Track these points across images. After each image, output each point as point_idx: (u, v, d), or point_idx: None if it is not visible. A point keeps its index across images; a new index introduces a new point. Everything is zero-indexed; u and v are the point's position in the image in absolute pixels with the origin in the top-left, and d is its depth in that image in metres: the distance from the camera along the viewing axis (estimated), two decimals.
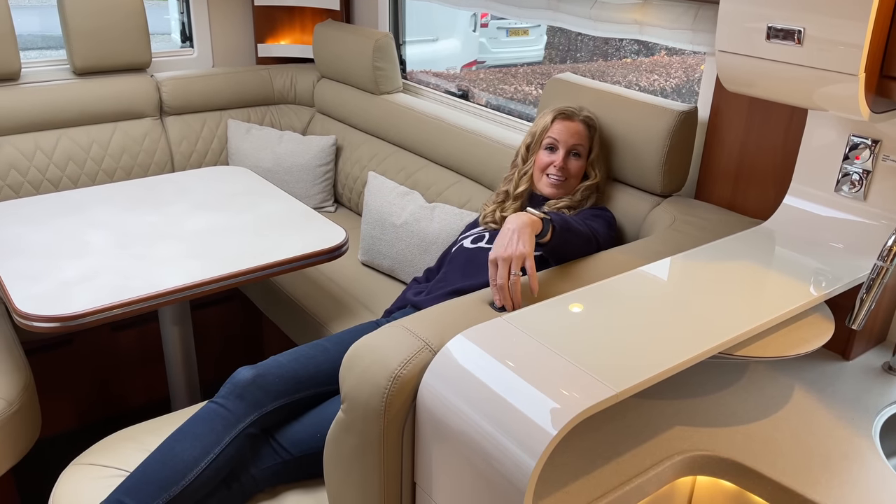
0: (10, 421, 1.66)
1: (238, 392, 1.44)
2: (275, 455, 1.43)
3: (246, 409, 1.42)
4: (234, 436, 1.40)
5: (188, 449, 1.37)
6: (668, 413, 1.24)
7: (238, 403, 1.43)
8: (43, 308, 1.53)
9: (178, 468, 1.34)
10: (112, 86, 2.66)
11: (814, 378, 1.34)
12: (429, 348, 1.10)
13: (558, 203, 1.73)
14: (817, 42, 1.12)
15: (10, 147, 2.47)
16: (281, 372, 1.48)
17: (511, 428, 0.95)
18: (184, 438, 1.39)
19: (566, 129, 1.73)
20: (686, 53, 6.68)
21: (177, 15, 3.16)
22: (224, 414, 1.41)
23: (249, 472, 1.41)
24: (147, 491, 1.32)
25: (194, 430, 1.39)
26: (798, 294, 1.22)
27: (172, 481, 1.33)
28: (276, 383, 1.46)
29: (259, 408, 1.44)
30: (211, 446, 1.37)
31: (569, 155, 1.73)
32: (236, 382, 1.45)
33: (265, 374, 1.46)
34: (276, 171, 2.72)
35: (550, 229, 1.33)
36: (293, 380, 1.49)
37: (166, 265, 1.72)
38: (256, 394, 1.44)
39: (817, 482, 1.08)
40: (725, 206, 1.72)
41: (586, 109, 1.78)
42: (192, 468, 1.35)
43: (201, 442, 1.37)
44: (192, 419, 1.42)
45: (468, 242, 1.73)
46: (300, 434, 1.45)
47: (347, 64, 2.76)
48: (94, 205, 2.06)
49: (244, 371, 1.47)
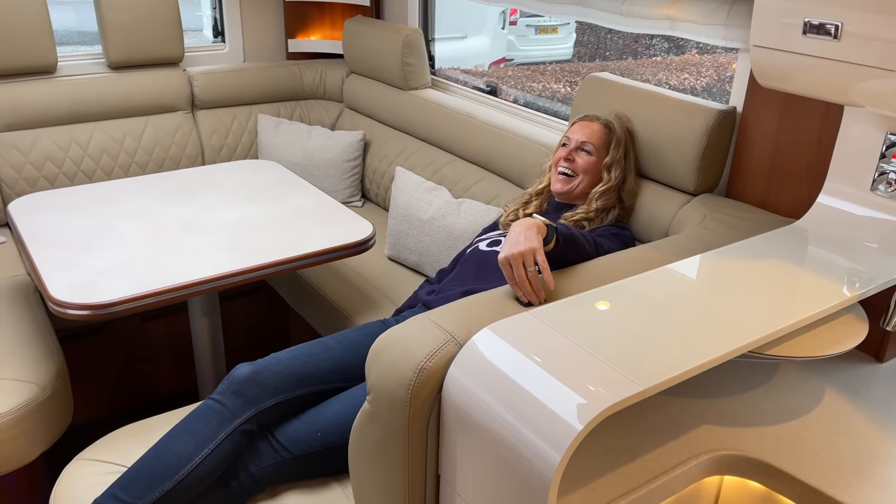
0: (42, 406, 1.69)
1: (235, 388, 1.43)
2: (274, 454, 1.43)
3: (242, 406, 1.42)
4: (230, 432, 1.39)
5: (182, 445, 1.36)
6: (697, 412, 1.22)
7: (235, 400, 1.42)
8: (76, 296, 1.56)
9: (171, 463, 1.34)
10: (145, 80, 2.70)
11: (846, 380, 1.31)
12: (455, 341, 1.10)
13: (575, 214, 1.71)
14: (855, 37, 1.10)
15: (46, 139, 2.52)
16: (279, 369, 1.47)
17: (536, 422, 0.94)
18: (179, 435, 1.39)
19: (581, 127, 1.77)
20: (717, 52, 6.60)
21: (209, 11, 3.20)
22: (220, 410, 1.41)
23: (249, 470, 1.41)
24: (140, 486, 1.32)
25: (190, 427, 1.39)
26: (830, 294, 1.20)
27: (165, 476, 1.33)
28: (274, 380, 1.45)
29: (256, 404, 1.43)
30: (205, 442, 1.37)
31: (578, 149, 1.74)
32: (233, 379, 1.44)
33: (263, 371, 1.46)
34: (305, 165, 2.74)
35: (554, 239, 1.32)
36: (292, 377, 1.48)
37: (196, 256, 1.75)
38: (253, 390, 1.43)
39: (848, 484, 1.06)
40: (757, 205, 1.69)
41: (620, 118, 1.78)
42: (186, 463, 1.34)
43: (196, 438, 1.37)
44: (188, 416, 1.42)
45: (483, 245, 1.73)
46: (300, 433, 1.44)
47: (376, 59, 2.77)
48: (126, 196, 2.09)
49: (242, 368, 1.46)
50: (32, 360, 1.77)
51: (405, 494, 1.15)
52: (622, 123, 1.78)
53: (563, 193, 1.76)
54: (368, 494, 1.23)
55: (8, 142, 2.47)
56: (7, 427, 1.61)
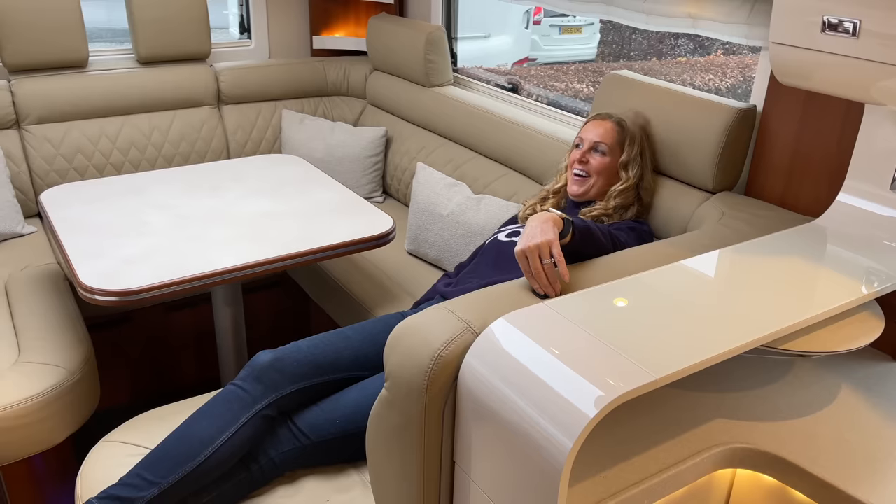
0: (71, 390, 1.74)
1: (256, 375, 1.47)
2: (294, 440, 1.46)
3: (263, 392, 1.46)
4: (250, 417, 1.43)
5: (205, 428, 1.41)
6: (710, 406, 1.23)
7: (256, 386, 1.46)
8: (104, 283, 1.61)
9: (194, 446, 1.39)
10: (173, 75, 2.76)
11: (861, 377, 1.31)
12: (471, 330, 1.12)
13: (592, 210, 1.72)
14: (874, 35, 1.10)
15: (77, 132, 2.59)
16: (299, 357, 1.51)
17: (549, 409, 0.96)
18: (202, 418, 1.43)
19: (594, 126, 1.77)
20: (743, 53, 6.55)
21: (235, 10, 3.26)
22: (242, 395, 1.45)
23: (269, 455, 1.45)
24: (164, 466, 1.37)
25: (212, 411, 1.44)
26: (847, 291, 1.20)
27: (188, 457, 1.38)
28: (293, 368, 1.49)
29: (276, 391, 1.47)
30: (227, 426, 1.41)
31: (592, 150, 1.74)
32: (255, 365, 1.49)
33: (283, 359, 1.49)
34: (328, 160, 2.78)
35: (571, 232, 1.34)
36: (312, 365, 1.51)
37: (220, 247, 1.79)
38: (274, 377, 1.47)
39: (861, 480, 1.06)
40: (776, 203, 1.70)
41: (637, 114, 1.77)
42: (208, 446, 1.39)
43: (218, 422, 1.41)
44: (211, 401, 1.46)
45: (502, 236, 1.75)
46: (319, 420, 1.48)
47: (399, 56, 2.80)
48: (153, 188, 2.14)
49: (263, 355, 1.50)
50: (62, 346, 1.82)
51: (421, 480, 1.18)
52: (637, 121, 1.78)
53: (580, 195, 1.77)
54: (385, 480, 1.25)
55: (40, 134, 2.54)
56: (37, 409, 1.67)
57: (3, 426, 1.63)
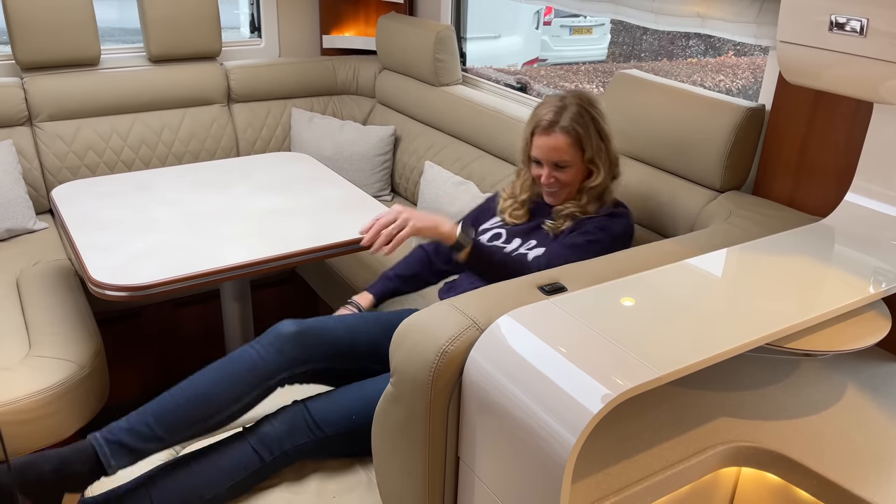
0: (81, 384, 1.76)
1: (278, 345, 1.49)
2: (309, 433, 1.47)
3: (280, 364, 1.48)
4: (264, 389, 1.47)
5: (220, 393, 1.43)
6: (716, 404, 1.23)
7: (276, 356, 1.48)
8: (114, 278, 1.62)
9: (209, 410, 1.42)
10: (184, 73, 2.78)
11: (867, 377, 1.31)
12: (476, 326, 1.13)
13: (565, 209, 1.67)
14: (881, 34, 1.10)
15: (88, 129, 2.61)
16: (322, 334, 1.53)
17: (553, 405, 0.97)
18: (219, 380, 1.45)
19: (544, 144, 1.63)
20: (755, 54, 6.52)
21: (246, 9, 3.27)
22: (259, 364, 1.47)
23: (283, 447, 1.46)
24: (176, 423, 1.40)
25: (230, 375, 1.45)
26: (853, 290, 1.20)
27: (200, 419, 1.42)
28: (315, 344, 1.52)
29: (292, 366, 1.49)
30: (241, 395, 1.45)
31: (555, 168, 1.65)
32: (278, 334, 1.50)
33: (307, 333, 1.51)
34: (336, 159, 2.79)
35: (466, 251, 1.54)
36: (332, 346, 1.54)
37: (229, 243, 1.80)
38: (295, 351, 1.49)
39: (866, 479, 1.06)
40: (784, 203, 1.69)
41: (576, 104, 1.63)
42: (221, 411, 1.43)
43: (234, 388, 1.44)
44: (229, 361, 1.47)
45: (485, 240, 1.73)
46: (335, 415, 1.49)
47: (409, 55, 2.81)
48: (163, 184, 2.16)
49: (288, 324, 1.52)
50: (72, 340, 1.84)
51: (426, 476, 1.18)
52: (581, 105, 1.63)
53: (558, 203, 1.69)
54: (390, 475, 1.26)
55: (52, 131, 2.56)
56: (47, 402, 1.68)
57: (14, 419, 1.64)
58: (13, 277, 2.17)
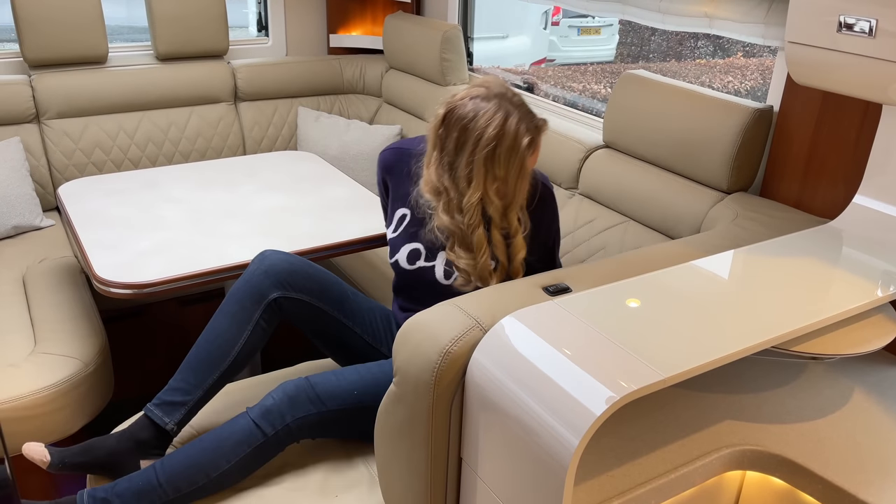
0: (85, 380, 1.76)
1: (264, 268, 1.55)
2: (310, 405, 1.47)
3: (270, 286, 1.55)
4: (262, 310, 1.54)
5: (227, 328, 1.54)
6: (721, 407, 1.23)
7: (263, 280, 1.54)
8: (119, 275, 1.63)
9: (223, 346, 1.53)
10: (191, 71, 2.78)
11: (875, 382, 1.30)
12: (480, 327, 1.12)
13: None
14: (890, 35, 1.09)
15: (96, 127, 2.62)
16: (311, 271, 1.59)
17: (557, 407, 0.96)
18: (222, 319, 1.55)
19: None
20: (764, 55, 6.49)
21: (254, 7, 3.28)
22: (251, 291, 1.55)
23: (286, 420, 1.45)
24: (203, 368, 1.52)
25: (229, 310, 1.55)
26: (861, 293, 1.19)
27: (221, 357, 1.53)
28: (303, 275, 1.57)
29: (283, 288, 1.55)
30: (245, 323, 1.54)
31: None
32: (264, 260, 1.57)
33: (295, 263, 1.58)
34: (342, 158, 2.79)
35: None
36: (320, 285, 1.59)
37: (234, 241, 1.80)
38: (282, 275, 1.55)
39: (871, 483, 1.05)
40: (792, 205, 1.68)
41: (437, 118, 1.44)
42: (236, 343, 1.53)
43: (236, 320, 1.54)
44: (224, 302, 1.56)
45: (404, 262, 1.57)
46: (338, 389, 1.49)
47: (415, 55, 2.80)
48: (169, 182, 2.16)
49: (274, 253, 1.58)
50: (77, 338, 1.84)
51: (428, 476, 1.18)
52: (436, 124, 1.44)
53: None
54: (392, 475, 1.26)
55: (60, 129, 2.57)
56: (52, 399, 1.69)
57: (19, 415, 1.65)
58: (20, 274, 2.18)
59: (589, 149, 2.05)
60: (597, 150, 2.04)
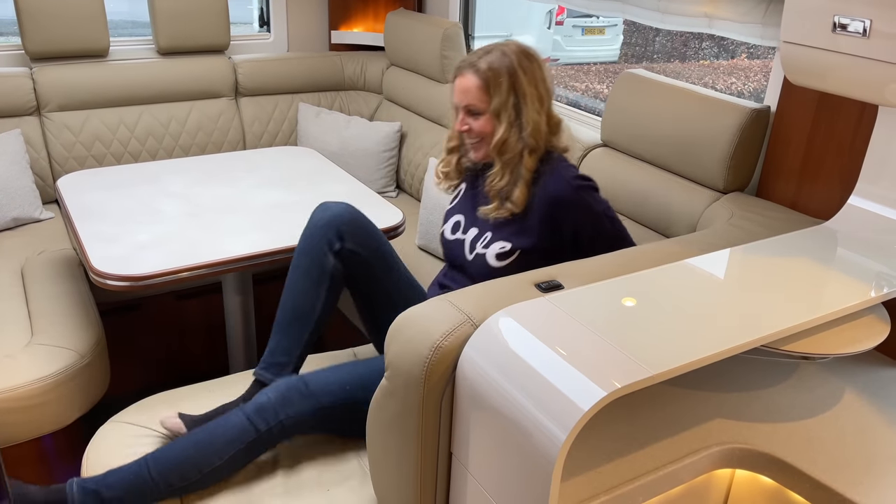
0: (81, 372, 1.77)
1: (327, 218, 1.65)
2: (303, 401, 1.47)
3: (329, 232, 1.64)
4: (332, 264, 1.64)
5: (300, 286, 1.64)
6: (711, 405, 1.23)
7: (324, 229, 1.64)
8: (116, 268, 1.63)
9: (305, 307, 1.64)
10: (192, 66, 2.79)
11: (866, 382, 1.30)
12: (470, 322, 1.12)
13: (493, 180, 1.54)
14: (884, 36, 1.09)
15: (96, 120, 2.63)
16: (370, 228, 1.69)
17: (545, 402, 0.96)
18: (292, 278, 1.66)
19: (458, 87, 1.54)
20: (768, 57, 6.47)
21: (257, 3, 3.28)
22: (313, 238, 1.65)
23: (279, 417, 1.46)
24: (293, 329, 1.64)
25: (295, 264, 1.66)
26: (853, 293, 1.19)
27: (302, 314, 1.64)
28: (360, 232, 1.66)
29: (340, 229, 1.64)
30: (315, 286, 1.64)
31: (468, 115, 1.54)
32: (325, 207, 1.67)
33: (355, 217, 1.67)
34: (342, 154, 2.80)
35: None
36: (375, 242, 1.68)
37: (232, 235, 1.80)
38: (343, 226, 1.64)
39: (859, 483, 1.05)
40: (788, 205, 1.68)
41: (497, 51, 1.51)
42: (315, 305, 1.64)
43: (306, 276, 1.63)
44: (292, 266, 1.66)
45: (448, 232, 1.69)
46: (330, 384, 1.50)
47: (416, 52, 2.81)
48: (168, 176, 2.17)
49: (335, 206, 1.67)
50: (73, 329, 1.85)
51: (418, 470, 1.18)
52: (507, 55, 1.50)
53: (480, 159, 1.59)
54: (383, 468, 1.26)
55: (60, 121, 2.58)
56: (48, 390, 1.69)
57: (15, 406, 1.66)
58: (18, 266, 2.18)
59: (587, 147, 2.05)
60: (594, 149, 2.04)
